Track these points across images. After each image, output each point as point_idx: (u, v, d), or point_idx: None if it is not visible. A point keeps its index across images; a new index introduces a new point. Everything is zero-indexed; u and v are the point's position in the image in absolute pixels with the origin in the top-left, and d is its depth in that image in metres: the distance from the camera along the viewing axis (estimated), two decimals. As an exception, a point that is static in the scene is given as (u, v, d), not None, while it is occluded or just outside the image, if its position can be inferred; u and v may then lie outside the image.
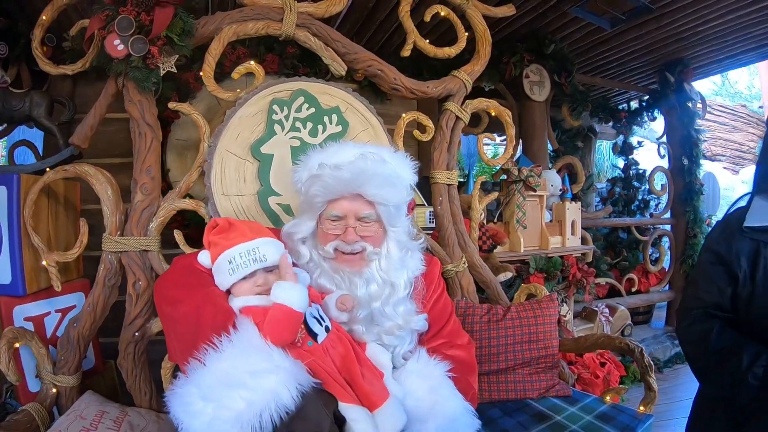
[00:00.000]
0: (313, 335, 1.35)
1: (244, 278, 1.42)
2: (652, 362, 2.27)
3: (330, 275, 1.53)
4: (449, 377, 1.57)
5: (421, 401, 1.45)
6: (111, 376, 2.56)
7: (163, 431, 2.01)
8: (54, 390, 2.01)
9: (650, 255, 5.52)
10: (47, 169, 2.20)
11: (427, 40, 2.52)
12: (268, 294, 1.37)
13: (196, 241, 2.15)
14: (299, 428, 1.17)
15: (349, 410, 1.27)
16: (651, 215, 5.81)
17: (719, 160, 10.63)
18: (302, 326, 1.35)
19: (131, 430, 1.93)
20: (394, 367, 1.53)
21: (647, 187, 5.78)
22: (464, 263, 2.52)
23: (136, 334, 2.06)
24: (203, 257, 1.48)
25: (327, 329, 1.38)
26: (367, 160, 1.52)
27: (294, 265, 1.55)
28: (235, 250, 1.42)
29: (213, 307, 1.32)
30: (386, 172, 1.52)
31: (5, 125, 3.13)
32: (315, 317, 1.38)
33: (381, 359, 1.48)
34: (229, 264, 1.41)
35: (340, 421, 1.28)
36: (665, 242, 5.71)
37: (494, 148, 9.75)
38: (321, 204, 1.55)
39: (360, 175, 1.48)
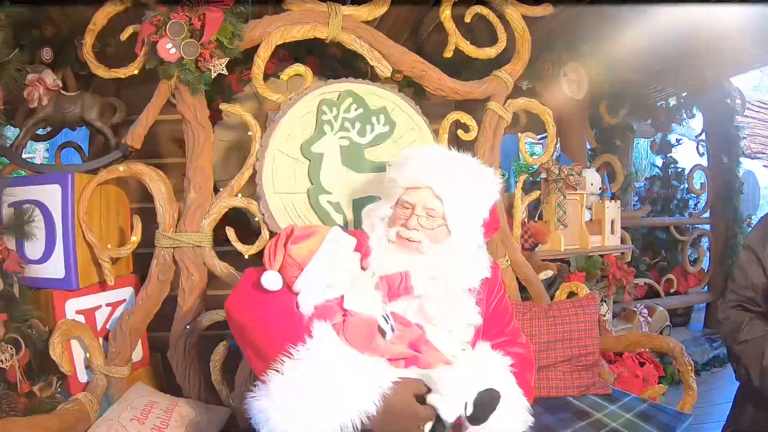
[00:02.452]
0: (383, 332, 1.37)
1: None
2: (692, 362, 2.26)
3: (389, 255, 1.59)
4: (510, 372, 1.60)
5: None
6: (157, 368, 2.63)
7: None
8: (104, 381, 2.09)
9: (689, 255, 5.40)
10: (101, 169, 2.27)
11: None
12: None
13: (241, 240, 2.23)
14: (395, 422, 1.21)
15: (436, 372, 1.29)
16: (690, 215, 5.69)
17: (759, 158, 10.28)
18: None
19: (181, 420, 1.99)
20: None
21: (686, 186, 5.67)
22: (507, 261, 2.54)
23: (188, 327, 2.13)
24: (271, 279, 1.39)
25: (392, 328, 1.40)
26: (446, 158, 1.62)
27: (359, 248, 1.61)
28: (335, 230, 1.49)
29: (285, 315, 1.36)
30: (459, 172, 1.58)
31: (49, 128, 3.23)
32: (382, 316, 1.40)
33: (440, 342, 1.49)
34: (337, 242, 1.46)
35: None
36: (704, 242, 5.58)
37: (530, 148, 9.67)
38: (399, 189, 1.63)
39: (434, 169, 1.57)
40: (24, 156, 2.63)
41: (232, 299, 1.50)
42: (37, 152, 8.63)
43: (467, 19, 2.51)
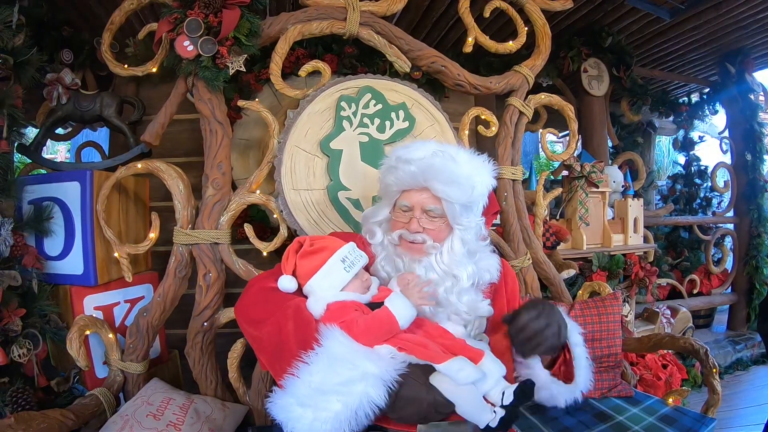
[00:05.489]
0: None
1: (356, 276, 1.49)
2: (717, 364, 2.20)
3: (392, 259, 1.60)
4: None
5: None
6: (174, 365, 2.64)
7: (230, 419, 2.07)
8: (121, 376, 2.10)
9: (712, 255, 5.30)
10: (119, 166, 2.28)
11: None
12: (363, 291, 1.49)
13: (260, 237, 2.23)
14: (404, 411, 1.27)
15: (449, 365, 1.30)
16: (713, 213, 5.58)
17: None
18: None
19: (197, 416, 1.98)
20: None
21: (709, 184, 5.58)
22: (528, 259, 2.51)
23: (205, 324, 2.13)
24: (286, 282, 1.50)
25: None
26: (437, 158, 1.57)
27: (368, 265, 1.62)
28: (344, 249, 1.50)
29: (294, 322, 1.39)
30: (453, 170, 1.55)
31: (70, 128, 3.27)
32: None
33: (456, 331, 1.51)
34: (343, 262, 1.47)
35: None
36: (728, 242, 5.47)
37: (550, 146, 9.63)
38: (395, 193, 1.63)
39: (427, 171, 1.54)
40: (46, 156, 2.65)
41: (241, 308, 1.55)
42: (59, 152, 8.78)
43: (486, 14, 2.48)
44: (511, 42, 2.54)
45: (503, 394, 1.31)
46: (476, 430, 1.33)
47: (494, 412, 1.29)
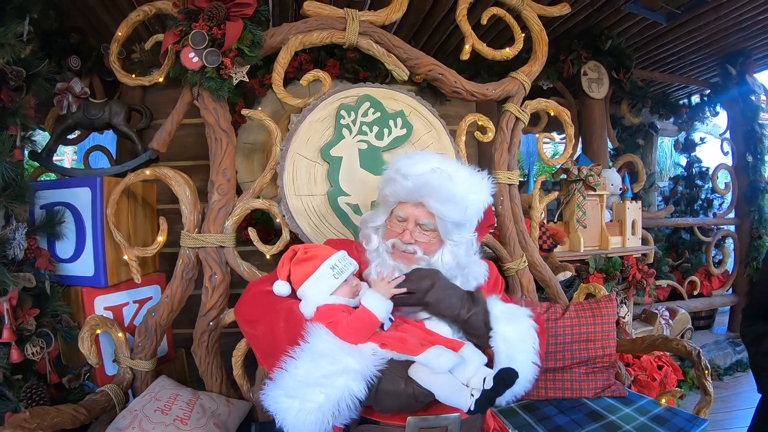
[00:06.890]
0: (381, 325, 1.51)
1: (345, 282, 1.57)
2: (709, 365, 2.23)
3: (388, 265, 1.65)
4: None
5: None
6: (181, 363, 2.71)
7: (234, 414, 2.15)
8: (130, 373, 2.18)
9: (713, 257, 5.30)
10: (128, 172, 2.34)
11: (483, 42, 2.54)
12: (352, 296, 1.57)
13: (264, 240, 2.29)
14: (385, 403, 1.36)
15: (428, 354, 1.39)
16: (714, 215, 5.57)
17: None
18: None
19: (203, 412, 2.05)
20: None
21: (710, 185, 5.57)
22: (524, 262, 2.56)
23: (211, 324, 2.20)
24: (280, 287, 1.58)
25: (390, 320, 1.53)
26: (434, 175, 1.61)
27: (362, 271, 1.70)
28: (334, 257, 1.58)
29: (285, 322, 1.48)
30: (449, 189, 1.59)
31: (78, 133, 3.33)
32: None
33: (441, 330, 1.58)
34: (332, 270, 1.55)
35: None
36: (729, 244, 5.46)
37: (554, 147, 9.57)
38: (392, 203, 1.70)
39: (423, 188, 1.60)
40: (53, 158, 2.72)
41: (240, 309, 1.64)
42: (66, 155, 8.86)
43: (483, 21, 2.52)
44: (508, 48, 2.57)
45: (484, 380, 1.38)
46: (462, 423, 1.41)
47: (471, 395, 1.37)
